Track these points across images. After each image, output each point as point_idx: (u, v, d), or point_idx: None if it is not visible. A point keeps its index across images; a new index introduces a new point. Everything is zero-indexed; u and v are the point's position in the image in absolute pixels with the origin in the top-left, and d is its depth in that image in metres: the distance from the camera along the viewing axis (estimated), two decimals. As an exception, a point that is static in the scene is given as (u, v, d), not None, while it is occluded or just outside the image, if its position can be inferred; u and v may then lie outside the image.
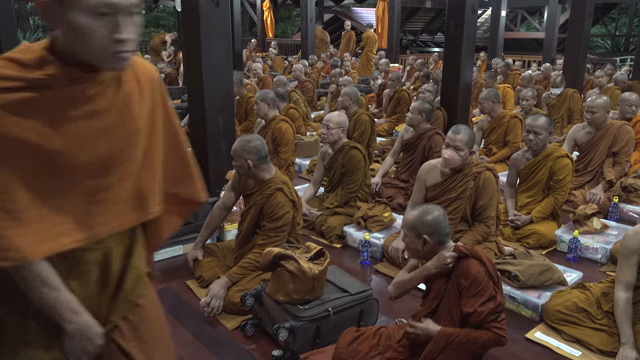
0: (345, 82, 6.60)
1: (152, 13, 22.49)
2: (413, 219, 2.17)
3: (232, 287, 2.82)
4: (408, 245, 2.22)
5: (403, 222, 2.25)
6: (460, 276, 2.06)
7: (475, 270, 2.02)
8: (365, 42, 12.37)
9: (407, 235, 2.21)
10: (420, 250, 2.17)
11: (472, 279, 2.01)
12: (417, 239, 2.15)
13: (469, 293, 2.02)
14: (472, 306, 1.99)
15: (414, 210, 2.21)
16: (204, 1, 3.64)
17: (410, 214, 2.21)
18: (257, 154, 2.90)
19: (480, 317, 1.98)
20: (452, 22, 5.24)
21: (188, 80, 4.07)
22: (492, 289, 2.02)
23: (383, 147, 5.74)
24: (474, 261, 2.05)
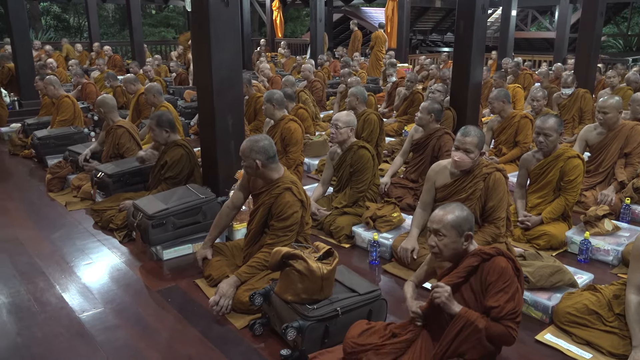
0: (353, 82, 6.58)
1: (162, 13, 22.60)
2: (454, 218, 2.14)
3: (240, 286, 2.83)
4: (446, 248, 2.16)
5: (438, 222, 2.17)
6: (486, 274, 2.07)
7: (504, 265, 2.05)
8: (374, 42, 12.35)
9: (442, 237, 2.16)
10: (461, 247, 2.16)
11: (500, 273, 2.04)
12: (459, 237, 2.14)
13: (495, 288, 2.03)
14: (497, 301, 2.01)
15: (442, 210, 2.19)
16: (213, 1, 3.65)
17: (446, 214, 2.16)
18: (265, 154, 2.91)
19: (502, 312, 2.00)
20: (462, 22, 5.21)
21: (197, 80, 4.08)
22: (517, 287, 2.05)
23: (392, 147, 5.72)
24: (501, 258, 2.08)
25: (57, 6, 20.37)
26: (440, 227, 2.16)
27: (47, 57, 10.97)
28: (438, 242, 2.18)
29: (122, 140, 4.63)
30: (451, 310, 2.07)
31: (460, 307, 2.07)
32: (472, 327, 2.02)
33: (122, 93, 7.55)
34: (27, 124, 6.31)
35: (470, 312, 2.06)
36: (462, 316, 2.05)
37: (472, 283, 2.12)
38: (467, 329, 2.03)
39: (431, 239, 2.21)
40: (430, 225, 2.23)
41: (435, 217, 2.20)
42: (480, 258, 2.12)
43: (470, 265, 2.12)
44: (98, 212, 4.05)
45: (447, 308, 2.08)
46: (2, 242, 3.74)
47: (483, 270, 2.09)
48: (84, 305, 2.92)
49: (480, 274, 2.09)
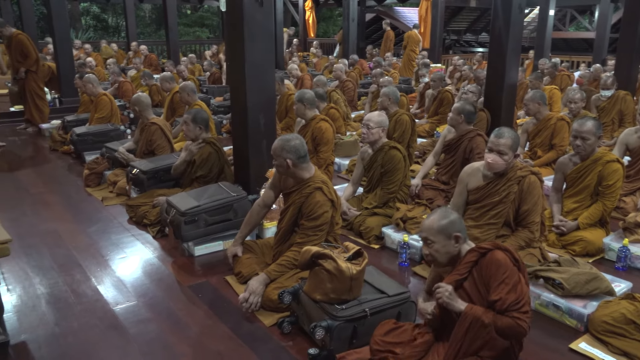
0: (385, 82, 6.55)
1: (197, 13, 22.96)
2: (439, 223, 2.16)
3: (270, 284, 2.85)
4: (438, 253, 2.18)
5: (425, 231, 2.20)
6: (485, 268, 2.07)
7: (501, 257, 2.05)
8: (407, 42, 12.25)
9: (432, 244, 2.18)
10: (453, 250, 2.17)
11: (498, 265, 2.03)
12: (448, 240, 2.16)
13: (496, 281, 2.02)
14: (499, 294, 2.00)
15: (428, 218, 2.21)
16: (248, 1, 3.68)
17: (430, 221, 2.18)
18: (296, 153, 2.92)
19: (505, 304, 1.98)
20: (498, 22, 5.12)
21: (231, 79, 4.13)
22: (518, 277, 2.03)
23: (424, 149, 5.67)
24: (497, 251, 2.07)
25: (96, 6, 20.93)
26: (428, 235, 2.19)
27: (87, 56, 11.29)
28: (430, 249, 2.20)
29: (154, 137, 4.73)
30: (455, 308, 2.08)
31: (465, 305, 2.07)
32: (479, 323, 2.01)
33: (158, 91, 7.71)
34: (66, 120, 6.51)
35: (475, 308, 2.04)
36: (467, 313, 2.04)
37: (474, 279, 2.11)
38: (475, 326, 2.01)
39: (424, 247, 2.24)
40: (420, 234, 2.27)
41: (423, 225, 2.23)
42: (477, 253, 2.11)
43: (469, 261, 2.12)
44: (133, 207, 4.15)
45: (451, 307, 2.09)
46: (42, 234, 3.87)
47: (482, 265, 2.09)
48: (117, 298, 3.00)
49: (480, 269, 2.09)
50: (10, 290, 3.07)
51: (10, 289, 3.09)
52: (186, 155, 4.08)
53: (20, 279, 3.21)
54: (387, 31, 13.96)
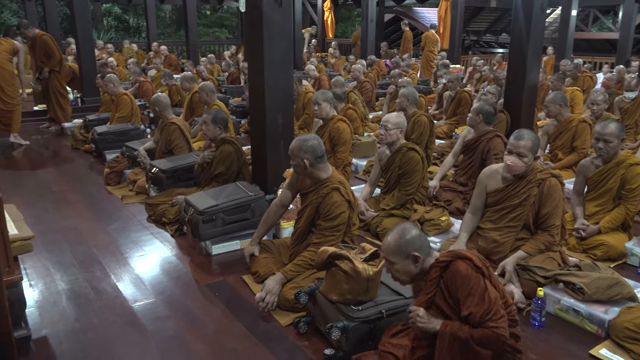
0: (404, 83, 6.52)
1: (216, 14, 23.12)
2: (395, 243, 2.08)
3: (286, 283, 2.86)
4: (398, 273, 2.11)
5: (384, 251, 2.13)
6: (450, 283, 2.01)
7: (462, 267, 1.98)
8: (424, 43, 12.17)
9: (392, 264, 2.10)
10: (414, 269, 2.09)
11: (462, 277, 1.97)
12: (406, 259, 2.08)
13: (463, 294, 1.96)
14: (468, 307, 1.95)
15: (388, 237, 2.13)
16: (267, 1, 3.70)
17: (388, 240, 2.11)
18: (313, 154, 2.93)
19: (477, 317, 1.93)
20: (519, 22, 5.05)
21: (249, 79, 4.15)
22: (484, 284, 1.97)
23: (442, 150, 5.63)
24: (458, 261, 2.00)
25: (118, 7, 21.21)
26: (386, 255, 2.13)
27: (109, 56, 11.46)
28: (391, 269, 2.14)
29: (173, 137, 4.78)
30: (432, 329, 2.01)
31: (439, 323, 2.00)
32: (457, 340, 1.94)
33: (177, 91, 7.79)
34: (88, 119, 6.62)
35: (450, 325, 1.98)
36: (444, 332, 1.98)
37: (443, 294, 2.04)
38: (453, 343, 1.95)
39: (386, 267, 2.18)
40: (382, 254, 2.20)
41: (382, 246, 2.16)
42: (438, 268, 2.05)
43: (434, 277, 2.06)
44: (152, 206, 4.20)
45: (427, 330, 2.02)
46: (63, 231, 3.94)
47: (447, 279, 2.02)
48: (136, 295, 3.04)
49: (446, 283, 2.02)
50: (33, 285, 3.13)
51: (32, 284, 3.15)
52: (200, 160, 4.13)
53: (42, 274, 3.27)
54: (405, 32, 13.90)
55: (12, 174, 5.46)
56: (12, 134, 6.65)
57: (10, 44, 6.52)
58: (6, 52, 6.46)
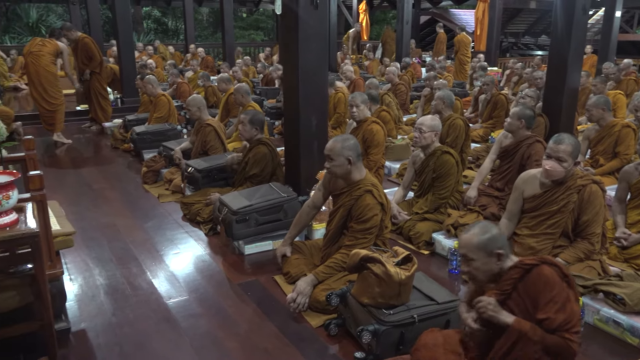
0: (439, 86, 6.44)
1: (252, 16, 23.41)
2: (479, 240, 2.02)
3: (318, 285, 2.86)
4: (477, 271, 2.05)
5: (463, 247, 2.06)
6: (531, 285, 1.94)
7: (548, 273, 1.91)
8: (457, 47, 12.00)
9: (471, 261, 2.04)
10: (495, 268, 2.03)
11: (546, 282, 1.90)
12: (489, 257, 2.02)
13: (544, 299, 1.90)
14: (547, 312, 1.88)
15: (467, 233, 2.07)
16: (303, 4, 3.72)
17: (469, 236, 2.04)
18: (355, 151, 2.94)
19: (554, 324, 1.87)
20: (559, 24, 4.92)
21: (284, 81, 4.18)
22: (567, 294, 1.90)
23: (477, 154, 5.53)
24: (544, 266, 1.94)
25: (157, 10, 21.74)
26: (467, 251, 2.05)
27: (148, 57, 11.75)
28: (469, 267, 2.06)
29: (208, 137, 4.86)
30: (501, 320, 1.94)
31: (512, 317, 1.94)
32: (527, 339, 1.88)
33: (213, 92, 7.92)
34: (127, 120, 6.80)
35: (522, 322, 1.91)
36: (514, 327, 1.91)
37: (519, 297, 1.97)
38: (521, 342, 1.89)
39: (463, 264, 2.11)
40: (459, 250, 2.13)
41: (461, 241, 2.09)
42: (521, 270, 1.98)
43: (512, 278, 1.99)
44: (187, 205, 4.28)
45: (496, 320, 1.95)
46: (102, 228, 4.06)
47: (527, 282, 1.95)
48: (170, 292, 3.10)
49: (525, 286, 1.96)
50: (73, 280, 3.24)
51: (72, 278, 3.25)
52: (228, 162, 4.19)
53: (81, 269, 3.38)
54: (439, 33, 13.74)
55: (55, 172, 5.66)
56: (56, 133, 6.90)
57: (54, 45, 6.75)
58: (50, 54, 6.69)
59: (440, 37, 13.69)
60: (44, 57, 6.62)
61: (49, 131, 6.93)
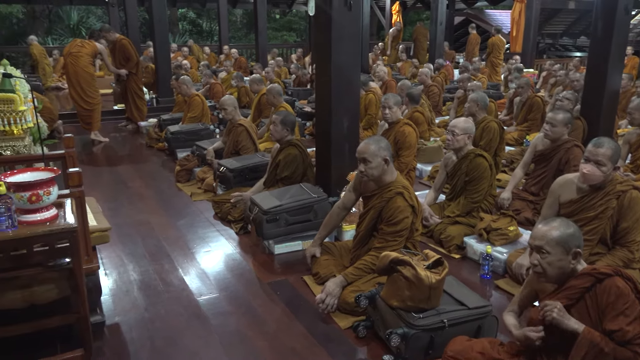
0: (473, 87, 6.34)
1: (285, 17, 23.57)
2: (560, 234, 1.96)
3: (347, 286, 2.86)
4: (549, 266, 1.98)
5: (540, 239, 2.00)
6: (602, 295, 1.88)
7: (622, 285, 1.86)
8: (490, 49, 11.79)
9: (546, 255, 1.98)
10: (568, 267, 1.97)
11: (618, 294, 1.85)
12: (566, 255, 1.96)
13: (614, 311, 1.84)
14: (618, 324, 1.82)
15: (545, 226, 2.01)
16: (337, 5, 3.72)
17: (550, 230, 1.98)
18: (389, 151, 2.93)
19: (626, 336, 1.81)
20: (600, 24, 4.78)
21: (317, 82, 4.20)
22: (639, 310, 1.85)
23: (511, 157, 5.42)
24: (618, 278, 1.88)
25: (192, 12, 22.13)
26: (544, 244, 1.97)
27: (183, 58, 11.97)
28: (541, 261, 1.99)
29: (240, 138, 4.91)
30: (569, 327, 1.87)
31: (581, 326, 1.86)
32: (598, 350, 1.82)
33: (246, 93, 8.00)
34: (162, 119, 6.94)
35: (593, 332, 1.85)
36: (585, 337, 1.84)
37: (586, 306, 1.92)
38: (592, 353, 1.82)
39: (533, 256, 2.03)
40: (532, 241, 2.05)
41: (538, 232, 2.01)
42: (593, 278, 1.91)
43: (582, 285, 1.93)
44: (218, 203, 4.34)
45: (563, 325, 1.88)
46: (137, 225, 4.15)
47: (597, 292, 1.89)
48: (201, 289, 3.14)
49: (594, 295, 1.89)
50: (108, 274, 3.32)
51: (107, 273, 3.34)
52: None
53: (116, 264, 3.46)
54: (471, 34, 13.52)
55: (92, 169, 5.83)
56: (93, 131, 7.09)
57: (93, 46, 6.93)
58: (88, 55, 6.88)
59: (472, 38, 13.48)
60: (83, 58, 6.81)
61: (87, 130, 7.13)
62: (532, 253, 2.05)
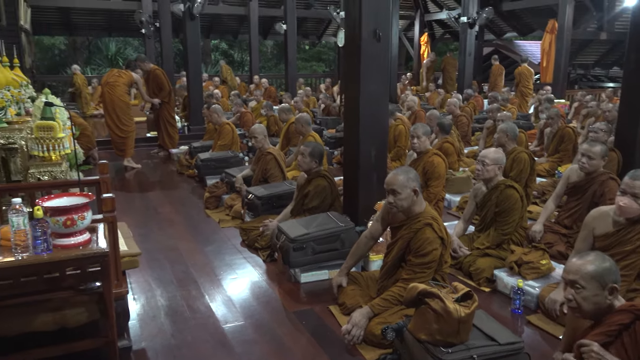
0: (503, 117, 6.29)
1: (314, 48, 24.02)
2: (595, 268, 1.91)
3: (373, 318, 2.81)
4: (585, 301, 1.92)
5: (575, 273, 1.96)
6: None
7: None
8: (518, 79, 11.71)
9: (581, 290, 1.93)
10: (603, 302, 1.90)
11: None
12: (602, 290, 1.90)
13: None
14: None
15: (581, 259, 1.96)
16: (366, 36, 3.78)
17: (585, 264, 1.93)
18: (418, 182, 2.91)
19: None
20: (633, 56, 4.71)
21: (345, 111, 4.23)
22: None
23: (543, 189, 5.31)
24: None
25: (225, 43, 22.78)
26: (578, 278, 1.92)
27: (215, 88, 12.27)
28: (576, 296, 1.93)
29: (269, 166, 4.97)
30: None
31: None
32: None
33: (275, 122, 8.12)
34: (193, 147, 7.09)
35: None
36: None
37: (623, 344, 1.84)
38: None
39: (567, 291, 1.97)
40: (565, 275, 1.99)
41: (572, 266, 1.96)
42: (632, 315, 1.84)
43: (621, 322, 1.85)
44: (246, 231, 4.36)
45: None
46: (166, 250, 4.20)
47: (636, 329, 1.81)
48: (227, 317, 3.14)
49: (634, 333, 1.81)
50: (136, 299, 3.36)
51: (135, 298, 3.37)
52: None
53: (144, 289, 3.50)
54: (493, 65, 13.46)
55: (124, 195, 5.96)
56: (126, 158, 7.28)
57: (129, 76, 7.18)
58: (124, 84, 7.12)
59: (495, 69, 13.40)
60: (119, 87, 7.04)
61: (120, 156, 7.33)
62: (566, 288, 1.99)
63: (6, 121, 3.53)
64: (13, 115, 3.78)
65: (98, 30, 16.07)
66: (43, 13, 13.86)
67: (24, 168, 3.53)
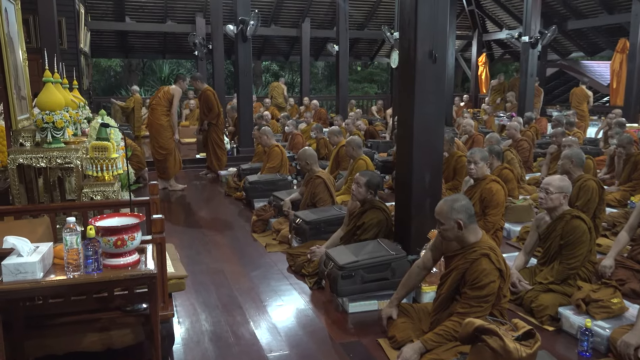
0: (568, 143, 5.93)
1: (366, 69, 24.04)
2: None
3: (425, 354, 2.65)
4: None
5: None
6: None
7: None
8: (571, 99, 11.17)
9: None
10: None
11: None
12: None
13: None
14: None
15: None
16: (421, 58, 3.66)
17: None
18: (466, 213, 2.74)
19: None
20: None
21: (398, 134, 4.10)
22: None
23: (614, 220, 4.92)
24: None
25: (276, 64, 23.21)
26: None
27: (265, 109, 12.43)
28: None
29: (317, 190, 4.88)
30: None
31: None
32: None
33: (325, 145, 8.07)
34: (241, 169, 7.10)
35: None
36: None
37: None
38: None
39: None
40: None
41: None
42: None
43: None
44: (293, 256, 4.27)
45: None
46: (211, 273, 4.17)
47: None
48: (272, 345, 3.03)
49: None
50: (181, 323, 3.31)
51: (180, 321, 3.33)
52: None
53: (189, 313, 3.45)
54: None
55: (172, 216, 6.01)
56: (168, 180, 7.23)
57: (168, 94, 6.99)
58: (163, 105, 6.99)
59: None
60: (157, 110, 7.02)
61: (162, 178, 7.20)
62: None
63: (64, 141, 3.62)
64: (70, 136, 3.88)
65: (153, 53, 16.65)
66: (101, 36, 14.55)
67: (78, 187, 3.60)
